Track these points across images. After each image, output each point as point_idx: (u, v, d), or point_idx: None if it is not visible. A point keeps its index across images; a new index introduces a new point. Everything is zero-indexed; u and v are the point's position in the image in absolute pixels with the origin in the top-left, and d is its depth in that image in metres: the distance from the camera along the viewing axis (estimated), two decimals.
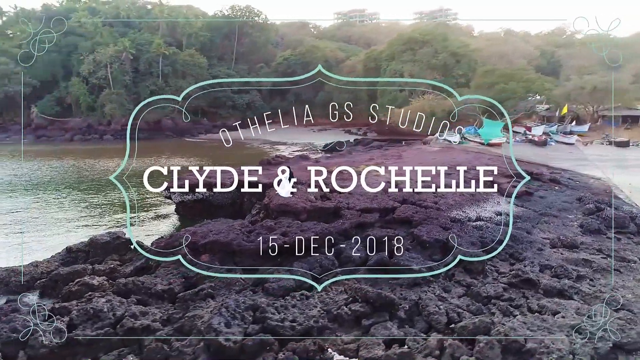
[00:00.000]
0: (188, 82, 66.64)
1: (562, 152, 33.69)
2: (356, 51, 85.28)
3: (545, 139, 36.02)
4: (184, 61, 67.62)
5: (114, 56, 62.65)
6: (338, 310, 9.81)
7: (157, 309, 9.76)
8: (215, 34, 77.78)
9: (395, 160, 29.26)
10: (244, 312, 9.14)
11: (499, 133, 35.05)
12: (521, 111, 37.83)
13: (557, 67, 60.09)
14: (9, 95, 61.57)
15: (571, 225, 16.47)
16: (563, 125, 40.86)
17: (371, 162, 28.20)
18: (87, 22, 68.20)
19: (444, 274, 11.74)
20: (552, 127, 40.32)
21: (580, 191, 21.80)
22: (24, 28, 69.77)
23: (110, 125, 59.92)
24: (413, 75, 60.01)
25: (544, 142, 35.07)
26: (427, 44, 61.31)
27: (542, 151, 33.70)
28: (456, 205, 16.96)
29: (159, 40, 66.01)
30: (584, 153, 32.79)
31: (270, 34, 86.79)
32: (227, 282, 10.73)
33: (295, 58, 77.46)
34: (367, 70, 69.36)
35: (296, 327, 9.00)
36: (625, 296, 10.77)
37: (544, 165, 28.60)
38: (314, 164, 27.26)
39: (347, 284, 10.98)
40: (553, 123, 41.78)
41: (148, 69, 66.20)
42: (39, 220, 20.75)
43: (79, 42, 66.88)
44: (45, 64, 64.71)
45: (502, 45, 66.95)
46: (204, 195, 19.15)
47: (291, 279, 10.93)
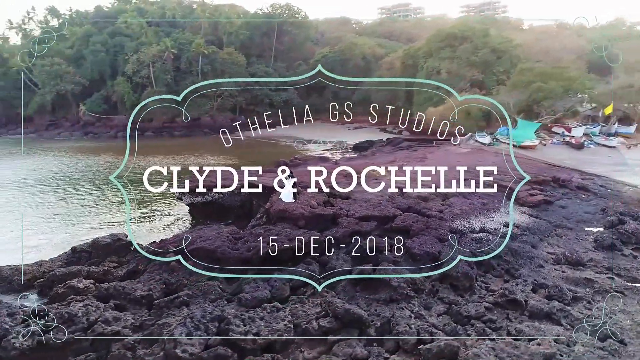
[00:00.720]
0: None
1: (601, 155, 31.69)
2: (396, 48, 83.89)
3: (582, 141, 33.97)
4: (223, 60, 69.04)
5: (156, 55, 64.96)
6: (307, 325, 9.75)
7: (132, 314, 10.08)
8: (255, 32, 78.83)
9: (416, 162, 28.62)
10: (209, 322, 9.27)
11: (532, 135, 33.46)
12: (559, 111, 35.86)
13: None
14: (60, 94, 65.27)
15: (585, 239, 15.50)
16: (607, 126, 38.37)
17: (392, 164, 27.72)
18: (133, 23, 71.02)
19: (428, 290, 11.41)
20: (595, 128, 37.93)
21: (609, 200, 20.44)
22: (76, 30, 73.93)
23: (152, 122, 62.23)
24: (451, 73, 58.36)
25: (581, 145, 33.09)
26: (466, 40, 59.31)
27: (578, 154, 31.85)
28: (462, 214, 16.39)
29: (199, 40, 67.72)
30: (625, 157, 30.68)
31: (310, 31, 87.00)
32: (204, 290, 10.91)
33: (334, 55, 77.29)
34: (404, 67, 68.11)
35: (258, 341, 9.03)
36: (619, 323, 10.04)
37: (577, 171, 27.05)
38: (332, 165, 27.11)
39: (325, 296, 10.91)
40: (596, 124, 39.33)
41: (188, 68, 68.15)
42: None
43: (125, 42, 69.84)
44: (94, 63, 68.14)
45: (550, 39, 63.69)
46: (213, 197, 19.51)
47: (292, 279, 11.24)
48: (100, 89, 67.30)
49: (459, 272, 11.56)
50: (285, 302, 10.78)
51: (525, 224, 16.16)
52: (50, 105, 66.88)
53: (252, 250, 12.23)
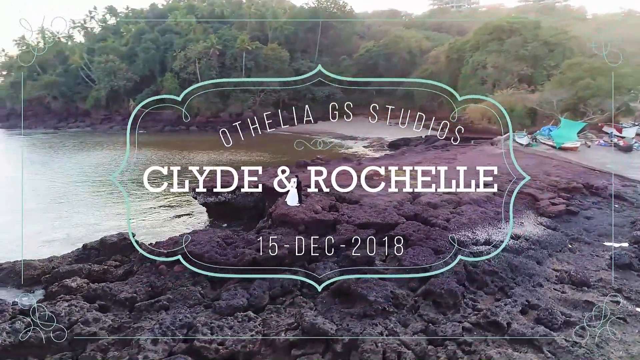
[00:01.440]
0: (269, 76, 69.22)
1: None
2: (445, 40, 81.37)
3: (632, 143, 31.45)
4: (266, 55, 69.97)
5: (202, 52, 66.95)
6: (275, 336, 9.80)
7: (113, 316, 10.55)
8: (300, 27, 79.17)
9: (444, 163, 27.69)
10: (177, 329, 9.54)
11: (574, 136, 31.41)
12: (607, 110, 33.35)
13: None
14: (114, 89, 68.93)
15: (602, 255, 14.41)
16: None
17: (418, 165, 27.01)
18: (182, 21, 73.51)
19: (409, 305, 11.10)
20: None
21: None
22: (131, 28, 77.53)
23: (197, 117, 64.39)
24: (497, 67, 55.91)
25: (629, 147, 30.63)
26: (515, 32, 56.49)
27: (624, 158, 29.54)
28: (469, 224, 15.74)
29: (243, 37, 69.01)
30: None
31: (356, 25, 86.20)
32: (184, 295, 11.22)
33: (378, 49, 76.31)
34: (449, 61, 65.97)
35: (221, 351, 9.19)
36: (609, 354, 9.32)
37: (618, 176, 25.10)
38: (355, 165, 26.80)
39: (303, 306, 10.91)
40: None
41: (233, 64, 69.75)
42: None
43: (174, 39, 72.48)
44: (145, 60, 71.27)
45: (613, 30, 59.22)
46: (226, 198, 19.92)
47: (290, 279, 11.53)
48: (150, 85, 70.30)
49: (444, 288, 11.15)
50: (262, 310, 10.88)
51: (536, 237, 15.26)
52: (104, 100, 70.79)
53: (238, 257, 12.42)
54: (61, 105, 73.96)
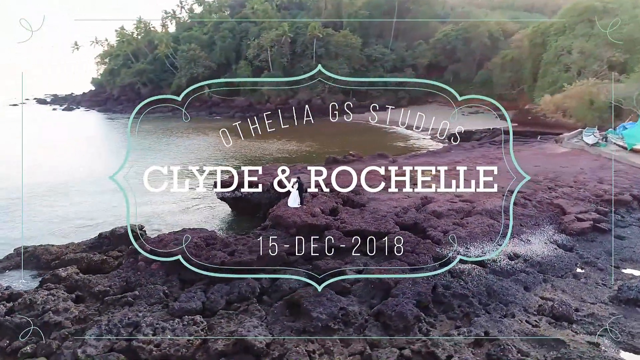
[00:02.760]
0: (339, 63, 68.86)
1: None
2: (533, 22, 74.80)
3: None
4: (337, 42, 69.63)
5: (274, 40, 68.39)
6: (212, 343, 10.16)
7: (84, 307, 11.62)
8: (375, 11, 77.52)
9: (487, 163, 25.90)
10: (122, 327, 10.29)
11: None
12: None
13: None
14: (193, 77, 73.14)
15: (610, 286, 12.76)
16: None
17: (458, 164, 25.61)
18: (259, 9, 75.47)
19: (358, 325, 10.84)
20: None
21: None
22: (212, 17, 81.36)
23: (267, 104, 66.25)
24: (584, 53, 50.42)
25: None
26: (608, 13, 50.33)
27: None
28: (468, 238, 14.79)
29: (314, 24, 69.20)
30: None
31: (435, 7, 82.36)
32: (149, 292, 11.98)
33: (456, 34, 72.58)
34: (533, 46, 60.67)
35: (154, 352, 9.78)
36: None
37: None
38: (390, 163, 26.13)
39: (255, 314, 11.16)
40: None
41: (304, 51, 70.41)
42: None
43: (250, 27, 74.82)
44: (222, 48, 74.56)
45: None
46: (242, 194, 20.59)
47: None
48: (226, 72, 73.53)
49: (395, 311, 10.72)
50: (214, 315, 11.29)
51: (539, 258, 13.91)
52: (185, 87, 75.32)
53: (209, 260, 12.94)
54: (149, 91, 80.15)
